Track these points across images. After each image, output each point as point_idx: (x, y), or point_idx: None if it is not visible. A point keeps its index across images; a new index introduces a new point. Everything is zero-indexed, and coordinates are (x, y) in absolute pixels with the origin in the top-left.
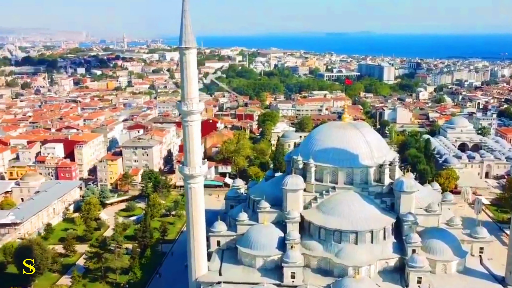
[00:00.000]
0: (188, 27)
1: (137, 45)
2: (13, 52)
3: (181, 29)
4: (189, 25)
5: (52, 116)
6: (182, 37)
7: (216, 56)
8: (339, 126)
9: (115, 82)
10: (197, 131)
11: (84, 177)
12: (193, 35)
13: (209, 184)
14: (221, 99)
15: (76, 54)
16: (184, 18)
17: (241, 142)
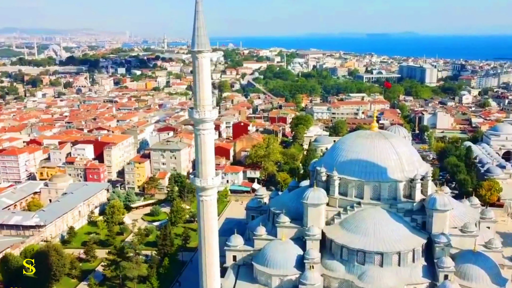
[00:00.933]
0: (201, 29)
1: (177, 45)
2: (57, 52)
3: (194, 31)
4: (203, 27)
5: (87, 116)
6: (195, 40)
7: (254, 57)
8: (366, 136)
9: (153, 82)
10: (210, 141)
11: (113, 179)
12: (207, 38)
13: (236, 190)
14: (256, 101)
15: (117, 54)
16: (196, 19)
17: (270, 147)
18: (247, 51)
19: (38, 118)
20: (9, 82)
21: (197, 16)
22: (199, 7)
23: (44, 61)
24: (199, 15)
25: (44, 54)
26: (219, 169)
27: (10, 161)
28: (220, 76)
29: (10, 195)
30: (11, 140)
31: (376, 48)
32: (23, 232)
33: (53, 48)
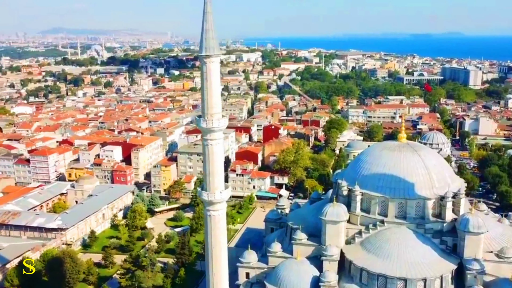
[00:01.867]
0: (209, 31)
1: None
2: (99, 52)
3: (202, 34)
4: (211, 29)
5: (120, 116)
6: (203, 43)
7: (292, 57)
8: (393, 147)
9: (191, 82)
10: (219, 152)
11: (140, 181)
12: (216, 41)
13: (262, 196)
14: (291, 103)
15: (157, 54)
16: (205, 21)
17: (299, 152)
18: (286, 52)
19: (74, 117)
20: (53, 81)
21: (205, 17)
22: (208, 8)
23: (86, 61)
24: (208, 17)
25: (87, 54)
26: (245, 174)
27: (40, 162)
28: (257, 76)
29: (37, 196)
30: (45, 140)
31: (419, 49)
32: (45, 234)
33: (96, 48)
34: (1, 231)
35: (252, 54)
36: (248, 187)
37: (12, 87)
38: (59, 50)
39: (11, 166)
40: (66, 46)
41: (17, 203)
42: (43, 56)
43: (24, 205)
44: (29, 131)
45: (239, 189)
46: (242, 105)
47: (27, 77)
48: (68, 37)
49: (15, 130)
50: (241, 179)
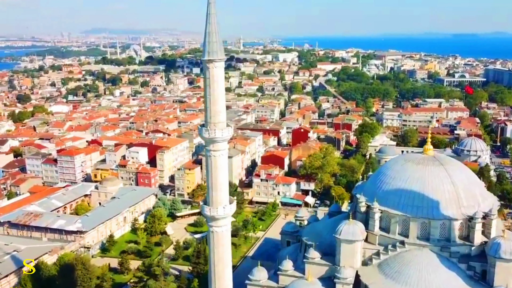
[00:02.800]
0: (213, 34)
1: (254, 46)
2: (138, 52)
3: (205, 37)
4: (215, 32)
5: (151, 117)
6: (206, 47)
7: (329, 57)
8: (417, 160)
9: (226, 82)
10: (222, 164)
11: (165, 184)
12: (220, 44)
13: (287, 202)
14: (324, 105)
15: (194, 54)
16: (208, 23)
17: (327, 157)
18: (323, 52)
19: (106, 117)
20: (92, 80)
21: (209, 19)
22: (212, 9)
23: (125, 60)
24: (212, 18)
25: (125, 53)
26: (270, 179)
27: (67, 162)
28: (292, 77)
29: (60, 197)
30: (74, 140)
31: (461, 49)
32: (65, 236)
33: (134, 48)
34: (23, 232)
35: (288, 54)
36: (273, 193)
37: (53, 86)
38: (101, 49)
39: (39, 166)
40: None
41: (40, 204)
42: (85, 55)
43: (47, 206)
44: (61, 130)
45: (263, 195)
46: (274, 107)
47: (68, 76)
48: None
49: (48, 129)
50: (265, 184)
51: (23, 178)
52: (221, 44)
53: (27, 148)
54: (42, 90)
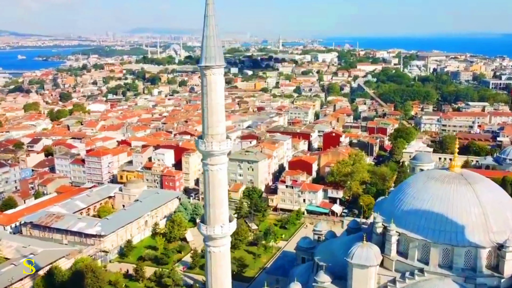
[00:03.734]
0: (211, 38)
1: (294, 46)
2: (177, 51)
3: (203, 41)
4: (214, 36)
5: (183, 117)
6: (203, 52)
7: (370, 58)
8: (442, 178)
9: (263, 83)
10: (221, 179)
11: (190, 187)
12: (219, 49)
13: (313, 211)
14: (360, 107)
15: (233, 54)
16: (206, 26)
17: (356, 164)
18: (363, 52)
19: (139, 117)
20: (132, 79)
21: (206, 21)
22: (210, 10)
23: (164, 59)
24: (209, 21)
25: (165, 53)
26: (296, 185)
27: (94, 162)
28: (331, 78)
29: (84, 198)
30: (105, 140)
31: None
32: (85, 240)
33: (174, 47)
34: (44, 234)
35: (328, 55)
36: (298, 201)
37: (94, 84)
38: (143, 49)
39: (68, 166)
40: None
41: (64, 205)
42: (127, 54)
43: (70, 208)
44: (93, 129)
45: (288, 202)
46: (308, 108)
47: (109, 75)
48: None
49: (81, 128)
50: (290, 191)
51: (51, 178)
52: (220, 49)
53: (58, 147)
54: (84, 89)
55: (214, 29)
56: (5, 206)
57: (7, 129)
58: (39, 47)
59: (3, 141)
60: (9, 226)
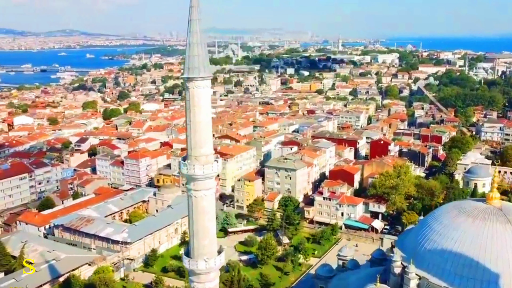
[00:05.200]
0: (194, 46)
1: (354, 46)
2: (235, 51)
3: (187, 50)
4: (198, 43)
5: (231, 119)
6: (186, 62)
7: (433, 59)
8: (476, 213)
9: (319, 84)
10: (206, 206)
11: (227, 194)
12: (204, 59)
13: (351, 225)
14: (417, 112)
15: (290, 54)
16: (189, 32)
17: (402, 177)
18: (426, 53)
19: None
20: None
21: (190, 27)
22: (194, 14)
23: (222, 60)
24: (193, 26)
25: (224, 53)
26: (334, 198)
27: (132, 165)
28: (390, 80)
29: (118, 202)
30: (148, 141)
31: None
32: (112, 246)
33: (232, 47)
34: (74, 237)
35: (388, 56)
36: (336, 214)
37: (153, 83)
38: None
39: (108, 167)
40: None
41: (96, 208)
42: None
43: (102, 211)
44: (140, 130)
45: (325, 215)
46: (360, 113)
47: (168, 74)
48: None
49: (129, 128)
50: (328, 203)
51: (90, 179)
52: (205, 58)
53: (101, 148)
54: (143, 87)
55: (198, 36)
56: (43, 206)
57: (60, 127)
58: (107, 46)
59: (52, 139)
60: (42, 227)
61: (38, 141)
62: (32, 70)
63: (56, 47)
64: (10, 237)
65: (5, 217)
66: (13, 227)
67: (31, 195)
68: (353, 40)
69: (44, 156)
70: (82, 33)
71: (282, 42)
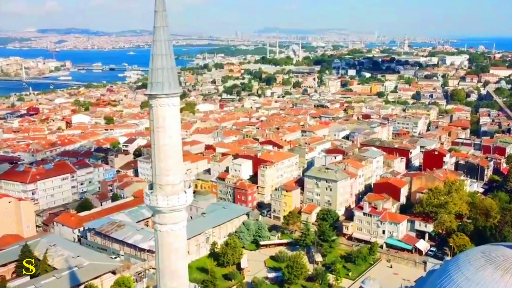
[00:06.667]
0: (159, 58)
1: (422, 46)
2: (296, 51)
3: (150, 62)
4: (163, 55)
5: (281, 122)
6: (149, 76)
7: (507, 61)
8: (503, 265)
9: (380, 86)
10: (172, 244)
11: (265, 202)
12: (171, 73)
13: (392, 245)
14: (483, 119)
15: (353, 55)
16: (154, 42)
17: (452, 194)
18: (500, 55)
19: (238, 119)
20: (249, 79)
21: (155, 35)
22: (158, 20)
23: (282, 60)
24: (159, 34)
25: (284, 53)
26: (375, 214)
27: None
28: (457, 83)
29: None
30: (193, 144)
31: None
32: (139, 253)
33: (293, 47)
34: (105, 242)
35: (457, 57)
36: (377, 231)
37: (213, 83)
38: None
39: (149, 169)
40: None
41: (129, 213)
42: (251, 54)
43: (135, 216)
44: (187, 132)
45: (365, 232)
46: (419, 118)
47: (228, 74)
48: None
49: None
50: (368, 219)
51: (129, 182)
52: (171, 72)
53: (146, 149)
54: (202, 87)
55: (164, 46)
56: (82, 207)
57: (112, 127)
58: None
59: (102, 139)
60: (77, 229)
61: (89, 141)
62: (102, 69)
63: (126, 47)
64: (40, 240)
65: (44, 217)
66: (50, 228)
67: (73, 196)
68: (422, 40)
69: (91, 156)
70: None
71: (347, 43)
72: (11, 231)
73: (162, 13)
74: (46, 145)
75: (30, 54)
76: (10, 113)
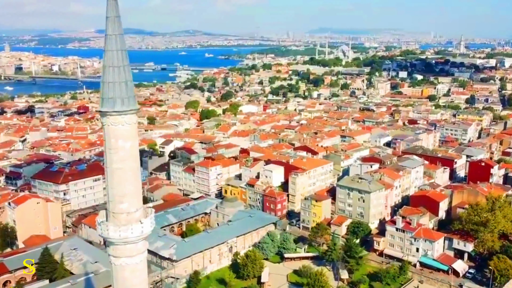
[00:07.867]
0: (110, 71)
1: (480, 48)
2: (346, 52)
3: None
4: (115, 67)
5: (318, 127)
6: (101, 92)
7: None
8: None
9: (432, 89)
10: (127, 279)
11: (296, 211)
12: (126, 87)
13: (426, 264)
14: None
15: (405, 56)
16: (104, 53)
17: (496, 211)
18: None
19: (278, 122)
20: (296, 80)
21: (107, 44)
22: (111, 27)
23: (330, 61)
24: (111, 43)
25: (333, 54)
26: (408, 230)
27: (202, 173)
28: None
29: (177, 213)
30: (228, 147)
31: None
32: (160, 261)
33: (342, 48)
34: None
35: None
36: (410, 249)
37: (260, 84)
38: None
39: (180, 173)
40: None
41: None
42: (301, 54)
43: (160, 221)
44: (225, 134)
45: (397, 249)
46: (469, 125)
47: (275, 75)
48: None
49: (214, 132)
50: (401, 235)
51: (159, 185)
52: (125, 86)
53: (180, 151)
54: (250, 88)
55: (117, 56)
56: None
57: (152, 128)
58: (225, 46)
59: (139, 140)
60: None
61: None
62: (153, 68)
63: (179, 47)
64: (63, 243)
65: (73, 218)
66: (79, 229)
67: (104, 197)
68: (480, 41)
69: None
70: (204, 33)
71: (400, 44)
72: (38, 232)
73: (114, 19)
74: (86, 144)
75: (87, 54)
76: (62, 111)
